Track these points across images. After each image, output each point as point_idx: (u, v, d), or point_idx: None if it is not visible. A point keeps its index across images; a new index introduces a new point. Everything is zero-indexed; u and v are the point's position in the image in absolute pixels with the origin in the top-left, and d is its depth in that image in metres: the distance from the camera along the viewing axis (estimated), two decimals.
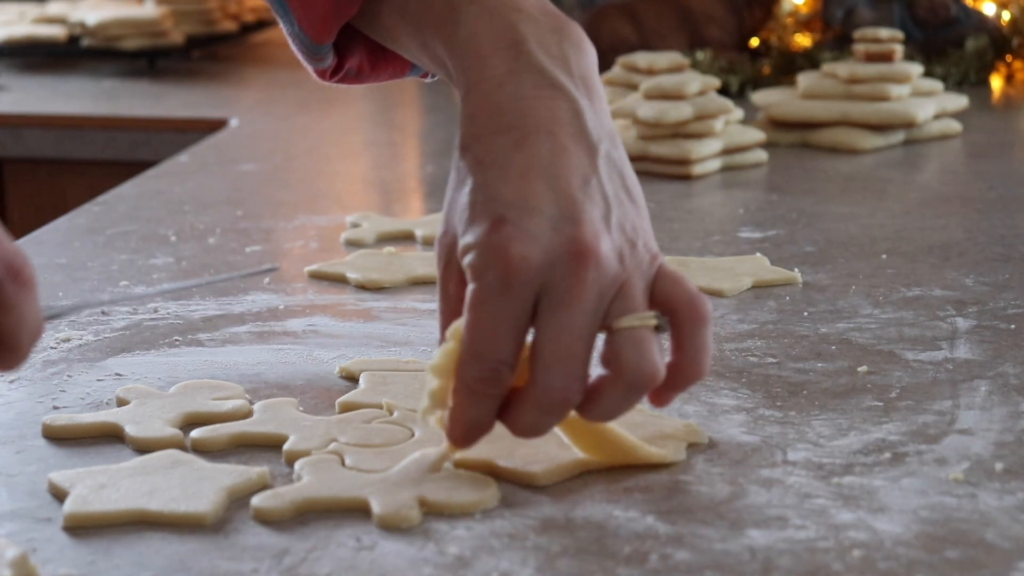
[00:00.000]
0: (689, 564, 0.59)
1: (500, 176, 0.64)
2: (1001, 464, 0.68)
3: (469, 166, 0.65)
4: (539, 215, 0.63)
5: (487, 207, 0.64)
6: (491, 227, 0.63)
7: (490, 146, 0.65)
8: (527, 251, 0.63)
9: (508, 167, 0.64)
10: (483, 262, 0.63)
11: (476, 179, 0.65)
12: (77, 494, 0.64)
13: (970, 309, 0.93)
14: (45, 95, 2.01)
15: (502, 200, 0.64)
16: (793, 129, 1.51)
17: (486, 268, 0.63)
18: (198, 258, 1.08)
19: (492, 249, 0.63)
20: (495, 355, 0.63)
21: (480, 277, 0.63)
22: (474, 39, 0.67)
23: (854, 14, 1.88)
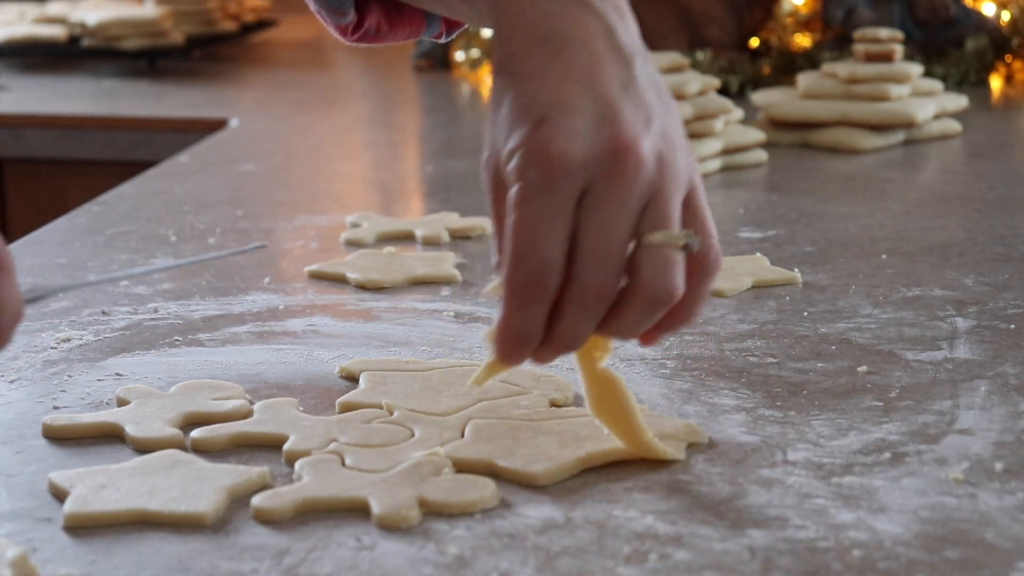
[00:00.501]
0: (689, 564, 0.59)
1: (538, 84, 0.65)
2: (1001, 464, 0.68)
3: (506, 81, 0.66)
4: (579, 115, 0.64)
5: (527, 112, 0.64)
6: (532, 128, 0.63)
7: (526, 59, 0.65)
8: (568, 147, 0.63)
9: (545, 75, 0.65)
10: (525, 161, 0.63)
11: (514, 90, 0.65)
12: (77, 494, 0.64)
13: (970, 309, 0.93)
14: (45, 95, 2.01)
15: (541, 103, 0.64)
16: (793, 129, 1.51)
17: (528, 166, 0.63)
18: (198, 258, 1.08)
19: (534, 148, 0.63)
20: (542, 255, 0.63)
21: (523, 176, 0.63)
22: None
23: (854, 14, 1.88)
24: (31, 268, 1.06)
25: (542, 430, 0.71)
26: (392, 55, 2.36)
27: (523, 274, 0.63)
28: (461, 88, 2.01)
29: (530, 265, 0.63)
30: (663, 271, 0.64)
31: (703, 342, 0.86)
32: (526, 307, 0.64)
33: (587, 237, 0.63)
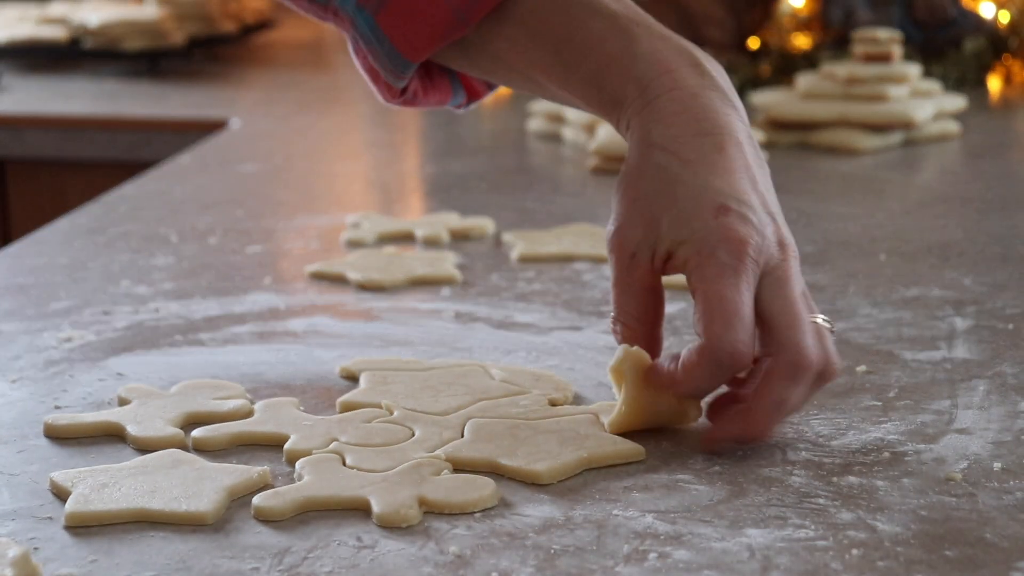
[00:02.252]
0: (688, 563, 0.59)
1: (711, 172, 0.71)
2: (999, 463, 0.68)
3: (674, 163, 0.71)
4: (755, 206, 0.71)
5: (705, 198, 0.70)
6: (716, 213, 0.70)
7: (696, 146, 0.71)
8: (753, 234, 0.70)
9: (716, 165, 0.71)
10: (713, 245, 0.69)
11: (686, 175, 0.71)
12: (79, 493, 0.64)
13: (968, 309, 0.93)
14: (47, 96, 2.01)
15: (720, 192, 0.70)
16: (792, 129, 1.51)
17: (717, 249, 0.69)
18: (199, 258, 1.08)
19: (723, 232, 0.69)
20: (744, 330, 0.69)
21: (712, 259, 0.69)
22: (658, 54, 0.74)
23: (853, 15, 1.88)
24: (32, 268, 1.06)
25: (541, 429, 0.72)
26: None
27: (731, 345, 0.68)
28: None
29: (739, 336, 0.68)
30: (831, 345, 0.71)
31: None
32: (720, 374, 0.70)
33: (781, 311, 0.70)
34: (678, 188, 0.71)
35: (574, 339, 0.88)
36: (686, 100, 0.72)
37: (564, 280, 1.01)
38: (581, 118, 1.50)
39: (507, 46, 0.77)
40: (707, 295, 0.69)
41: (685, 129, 0.72)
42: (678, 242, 0.70)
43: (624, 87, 0.73)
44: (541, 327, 0.90)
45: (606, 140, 1.38)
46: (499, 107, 1.88)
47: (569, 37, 0.75)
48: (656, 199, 0.71)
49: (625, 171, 0.73)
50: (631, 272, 0.72)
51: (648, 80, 0.73)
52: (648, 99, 0.73)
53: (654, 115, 0.72)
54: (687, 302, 0.94)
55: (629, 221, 0.72)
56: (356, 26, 0.79)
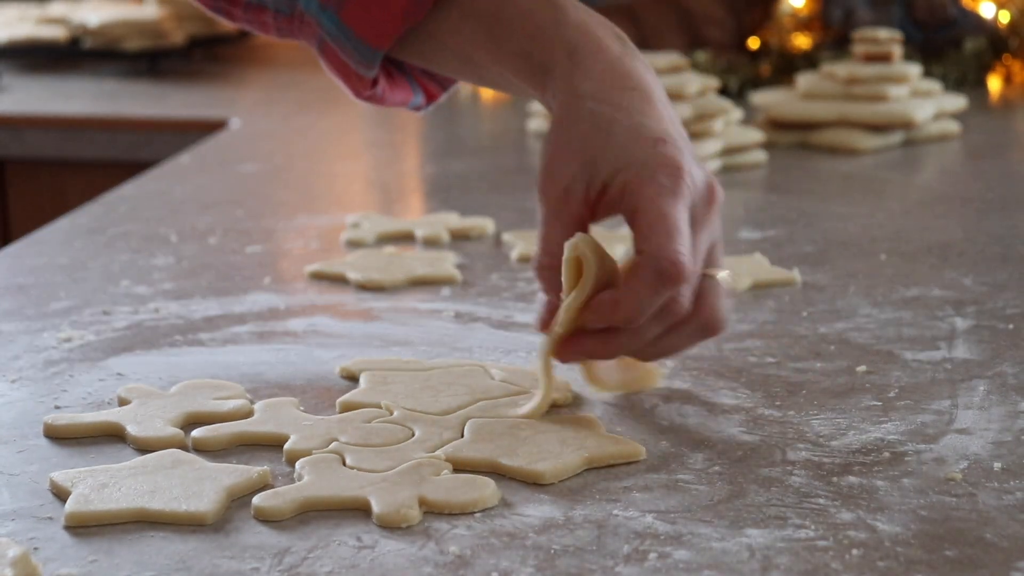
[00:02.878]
0: (688, 563, 0.59)
1: (644, 115, 0.74)
2: (999, 463, 0.68)
3: (606, 109, 0.74)
4: (686, 147, 0.74)
5: (642, 132, 0.74)
6: (654, 143, 0.73)
7: (626, 97, 0.75)
8: (689, 165, 0.73)
9: (647, 113, 0.75)
10: (653, 169, 0.72)
11: (619, 116, 0.74)
12: (79, 493, 0.64)
13: (968, 309, 0.93)
14: (46, 96, 2.01)
15: (656, 129, 0.74)
16: (792, 129, 1.51)
17: (656, 173, 0.72)
18: (199, 258, 1.08)
19: (662, 158, 0.72)
20: (685, 243, 0.71)
21: (652, 181, 0.72)
22: (584, 24, 0.77)
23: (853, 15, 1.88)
24: (32, 268, 1.06)
25: (541, 428, 0.72)
26: None
27: (674, 254, 0.70)
28: (461, 88, 2.02)
29: (680, 247, 0.70)
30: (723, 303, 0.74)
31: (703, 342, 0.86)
32: (663, 288, 0.70)
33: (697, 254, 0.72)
34: (614, 127, 0.74)
35: None
36: (612, 61, 0.76)
37: None
38: None
39: (448, 30, 0.81)
40: (648, 211, 0.71)
41: (613, 84, 0.75)
42: (616, 170, 0.73)
43: (552, 53, 0.77)
44: None
45: None
46: (499, 107, 1.88)
47: (500, 13, 0.79)
48: (590, 139, 0.74)
49: (553, 124, 0.76)
50: (563, 207, 0.75)
51: (575, 44, 0.76)
52: (576, 61, 0.76)
53: (582, 73, 0.76)
54: None
55: (562, 159, 0.75)
56: (322, 26, 0.83)
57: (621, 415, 0.75)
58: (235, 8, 0.87)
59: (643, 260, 0.70)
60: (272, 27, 0.86)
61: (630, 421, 0.74)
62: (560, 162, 0.75)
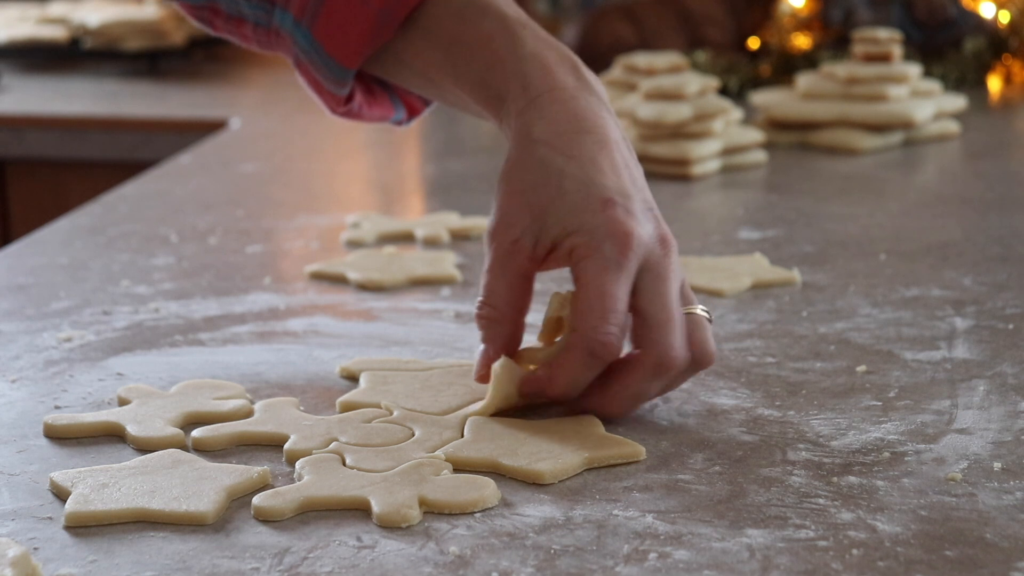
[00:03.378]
0: (688, 563, 0.59)
1: (596, 169, 0.74)
2: (999, 463, 0.68)
3: (557, 158, 0.74)
4: (638, 203, 0.74)
5: (592, 191, 0.73)
6: (603, 206, 0.73)
7: (578, 143, 0.75)
8: (638, 228, 0.73)
9: (599, 163, 0.74)
10: (599, 237, 0.72)
11: (571, 168, 0.74)
12: (79, 493, 0.64)
13: (968, 309, 0.93)
14: (47, 96, 2.01)
15: (606, 187, 0.74)
16: (792, 129, 1.51)
17: (603, 241, 0.72)
18: (199, 258, 1.08)
19: (609, 224, 0.72)
20: (617, 322, 0.72)
21: (598, 249, 0.72)
22: (541, 56, 0.77)
23: (853, 15, 1.88)
24: (32, 268, 1.06)
25: (541, 429, 0.72)
26: None
27: (603, 335, 0.71)
28: None
29: (611, 328, 0.71)
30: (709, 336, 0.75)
31: None
32: (595, 365, 0.72)
33: (658, 311, 0.73)
34: (564, 181, 0.74)
35: None
36: (566, 100, 0.76)
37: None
38: None
39: (412, 51, 0.82)
40: (588, 288, 0.72)
41: (566, 127, 0.75)
42: (566, 232, 0.73)
43: (507, 84, 0.77)
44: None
45: None
46: None
47: (460, 37, 0.79)
48: (542, 190, 0.74)
49: (507, 167, 0.76)
50: (511, 257, 0.75)
51: (530, 79, 0.76)
52: (530, 97, 0.76)
53: (536, 112, 0.76)
54: None
55: (514, 210, 0.75)
56: (296, 42, 0.84)
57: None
58: (217, 19, 0.88)
59: (576, 339, 0.72)
60: (252, 39, 0.87)
61: (630, 421, 0.74)
62: (511, 212, 0.75)
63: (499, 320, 0.75)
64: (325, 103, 0.87)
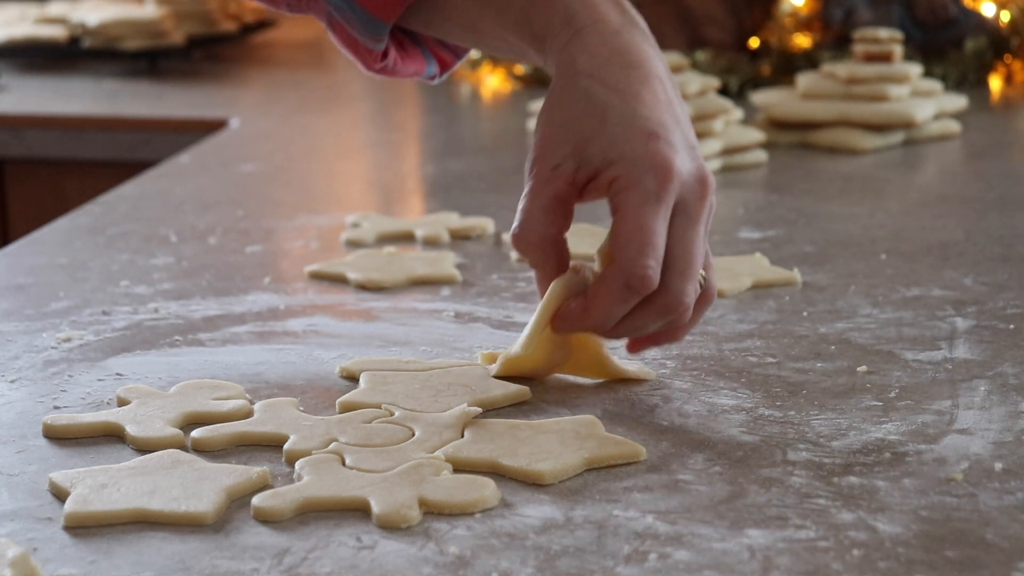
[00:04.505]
0: (688, 564, 0.59)
1: (639, 102, 0.74)
2: (1000, 464, 0.68)
3: (601, 90, 0.74)
4: (679, 138, 0.74)
5: (635, 123, 0.73)
6: (646, 139, 0.73)
7: (622, 77, 0.75)
8: (679, 163, 0.73)
9: (643, 96, 0.74)
10: (641, 169, 0.72)
11: (614, 100, 0.74)
12: (78, 494, 0.64)
13: (969, 309, 0.93)
14: (46, 95, 2.01)
15: (648, 119, 0.74)
16: (793, 129, 1.51)
17: (645, 173, 0.72)
18: (199, 258, 1.08)
19: (652, 157, 0.72)
20: (657, 257, 0.72)
21: (638, 183, 0.72)
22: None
23: (853, 14, 1.88)
24: (31, 268, 1.06)
25: (541, 429, 0.72)
26: None
27: (642, 268, 0.71)
28: (461, 88, 2.02)
29: (650, 262, 0.72)
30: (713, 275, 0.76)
31: (703, 342, 0.87)
32: (631, 298, 0.73)
33: (682, 252, 0.73)
34: (608, 112, 0.74)
35: None
36: (609, 35, 0.76)
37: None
38: None
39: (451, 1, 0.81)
40: (627, 220, 0.72)
41: (610, 60, 0.75)
42: (608, 162, 0.73)
43: (551, 20, 0.77)
44: None
45: None
46: (499, 107, 1.88)
47: None
48: (585, 121, 0.74)
49: (550, 98, 0.76)
50: (550, 182, 0.75)
51: (573, 12, 0.76)
52: (574, 30, 0.76)
53: (580, 45, 0.75)
54: None
55: (556, 140, 0.75)
56: (330, 1, 0.83)
57: (621, 415, 0.75)
58: None
59: (614, 271, 0.72)
60: (283, 2, 0.86)
61: (630, 421, 0.74)
62: (553, 142, 0.75)
63: (536, 244, 0.76)
64: (361, 60, 0.86)
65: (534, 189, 0.76)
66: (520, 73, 1.95)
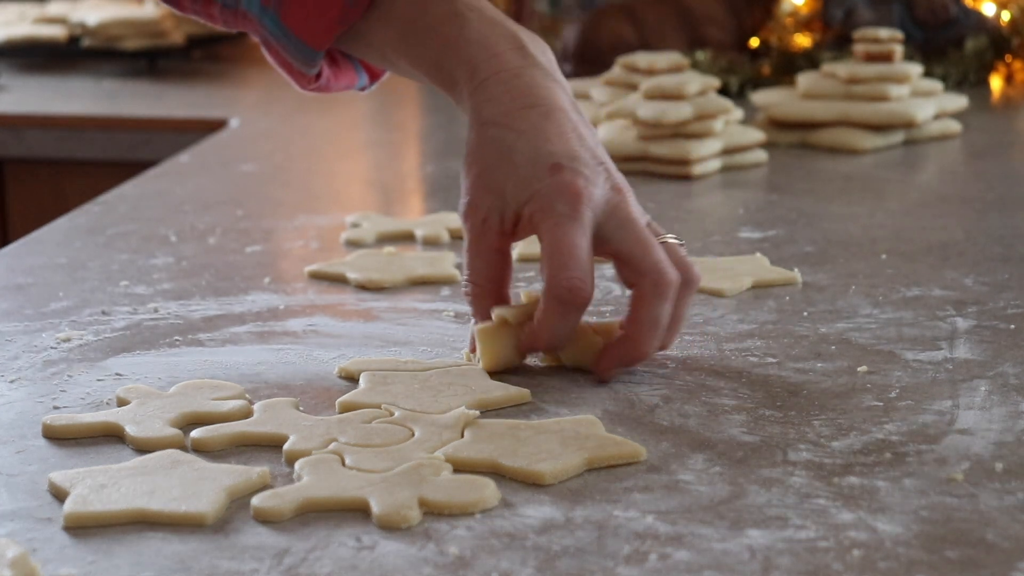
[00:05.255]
0: (689, 564, 0.59)
1: (543, 138, 0.80)
2: (1001, 464, 0.68)
3: (508, 135, 0.80)
4: (586, 161, 0.79)
5: (540, 161, 0.79)
6: (551, 172, 0.78)
7: (524, 117, 0.80)
8: (585, 184, 0.78)
9: (546, 132, 0.80)
10: (551, 199, 0.78)
11: (520, 143, 0.80)
12: (77, 494, 0.64)
13: (970, 309, 0.93)
14: (46, 95, 2.01)
15: (552, 153, 0.79)
16: (793, 129, 1.51)
17: (554, 202, 0.78)
18: (198, 258, 1.08)
19: (558, 186, 0.78)
20: (580, 268, 0.77)
21: (551, 212, 0.78)
22: (486, 39, 0.82)
23: (854, 14, 1.88)
24: (31, 268, 1.06)
25: (541, 429, 0.72)
26: None
27: (567, 282, 0.77)
28: None
29: (574, 273, 0.77)
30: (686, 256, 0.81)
31: (703, 342, 0.86)
32: (568, 312, 0.78)
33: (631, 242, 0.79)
34: (515, 155, 0.79)
35: None
36: (511, 79, 0.81)
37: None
38: None
39: (372, 32, 0.86)
40: (547, 243, 0.78)
41: (513, 104, 0.80)
42: (522, 203, 0.79)
43: (457, 69, 0.82)
44: None
45: (606, 140, 1.38)
46: None
47: (413, 22, 0.84)
48: (497, 169, 0.80)
49: (468, 150, 0.82)
50: (483, 237, 0.81)
51: (477, 63, 0.82)
52: (478, 81, 0.81)
53: (484, 95, 0.81)
54: None
55: (478, 192, 0.81)
56: (264, 26, 0.87)
57: (621, 415, 0.75)
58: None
59: (546, 290, 0.77)
60: (219, 19, 0.89)
61: (630, 422, 0.74)
62: (477, 192, 0.81)
63: (482, 295, 0.82)
64: (295, 80, 0.90)
65: (471, 245, 0.81)
66: None
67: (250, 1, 0.87)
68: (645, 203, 1.27)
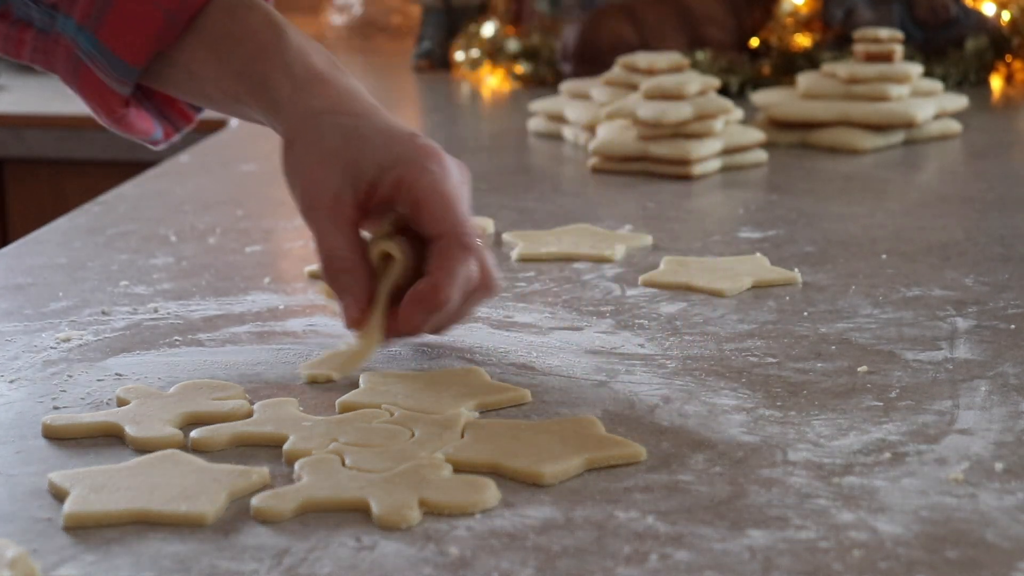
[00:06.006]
0: (689, 564, 0.59)
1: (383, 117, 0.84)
2: (1001, 464, 0.68)
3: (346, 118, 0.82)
4: None
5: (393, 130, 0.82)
6: (411, 138, 0.82)
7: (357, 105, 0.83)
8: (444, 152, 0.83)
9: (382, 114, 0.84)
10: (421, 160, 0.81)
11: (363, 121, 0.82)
12: (77, 494, 0.64)
13: (970, 309, 0.93)
14: (46, 95, 2.01)
15: (400, 126, 0.83)
16: (793, 129, 1.51)
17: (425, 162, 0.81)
18: (198, 258, 1.08)
19: (424, 149, 0.81)
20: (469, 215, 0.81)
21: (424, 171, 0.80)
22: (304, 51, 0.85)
23: (854, 14, 1.88)
24: (31, 268, 1.06)
25: (541, 429, 0.72)
26: (392, 55, 2.36)
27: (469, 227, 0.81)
28: (461, 88, 2.02)
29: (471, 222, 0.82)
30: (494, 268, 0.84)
31: (703, 342, 0.86)
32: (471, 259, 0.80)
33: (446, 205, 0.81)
34: (363, 130, 0.82)
35: (574, 339, 0.88)
36: (331, 81, 0.84)
37: (564, 280, 1.01)
38: (581, 118, 1.50)
39: (183, 50, 0.87)
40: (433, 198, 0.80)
41: (340, 98, 0.83)
42: (383, 168, 0.81)
43: (272, 72, 0.84)
44: (541, 327, 0.90)
45: (606, 140, 1.38)
46: (499, 107, 1.88)
47: (229, 32, 0.86)
48: (344, 147, 0.81)
49: (296, 150, 0.83)
50: (340, 212, 0.81)
51: (294, 68, 0.84)
52: (297, 83, 0.84)
53: (306, 94, 0.83)
54: (687, 302, 0.94)
55: (321, 177, 0.82)
56: (78, 45, 0.87)
57: (621, 415, 0.75)
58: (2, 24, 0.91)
59: (447, 241, 0.79)
60: (29, 46, 0.90)
61: (631, 422, 0.74)
62: (318, 182, 0.82)
63: (350, 268, 0.82)
64: (103, 108, 0.90)
65: (325, 226, 0.81)
66: (520, 73, 1.95)
67: (66, 22, 0.87)
68: (645, 203, 1.27)
